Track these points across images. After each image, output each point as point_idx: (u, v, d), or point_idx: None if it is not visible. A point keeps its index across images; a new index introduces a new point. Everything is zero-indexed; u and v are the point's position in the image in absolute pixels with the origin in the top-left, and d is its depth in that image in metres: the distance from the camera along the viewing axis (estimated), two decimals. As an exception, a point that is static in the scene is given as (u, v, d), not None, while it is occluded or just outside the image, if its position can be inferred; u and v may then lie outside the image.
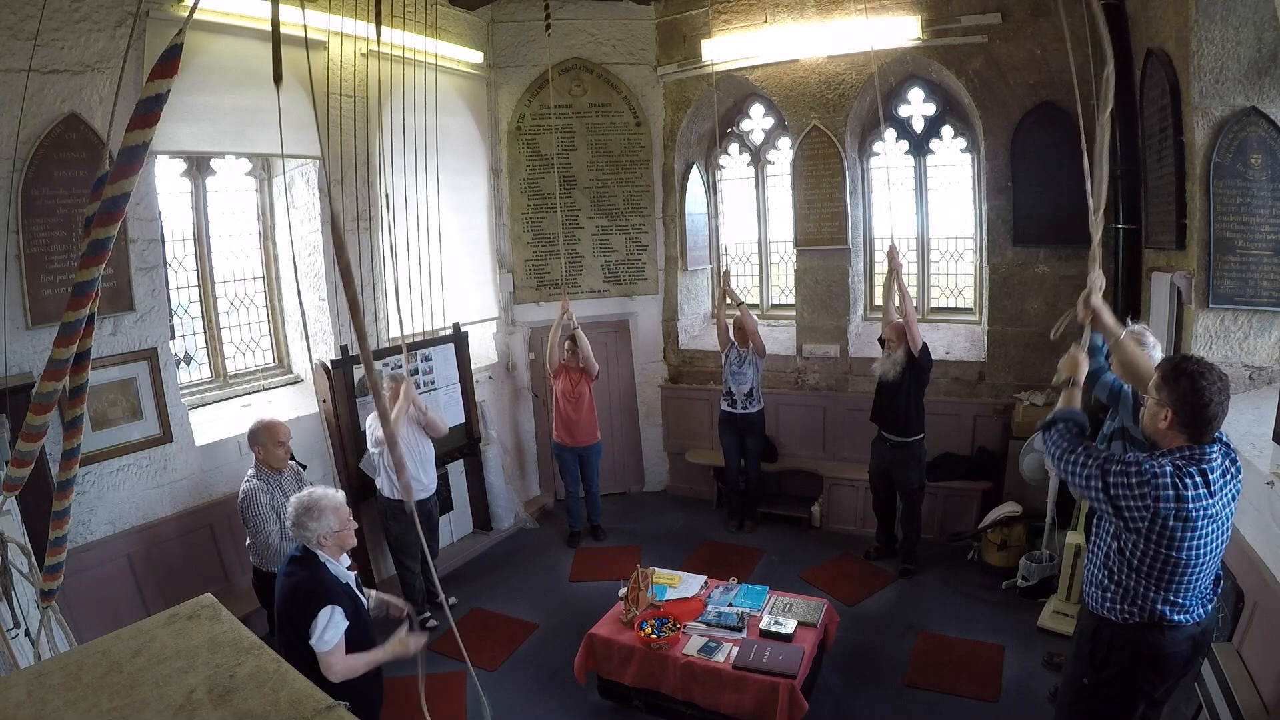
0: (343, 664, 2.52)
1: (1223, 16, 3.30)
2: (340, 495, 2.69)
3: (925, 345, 4.70)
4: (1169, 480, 2.02)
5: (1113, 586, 2.24)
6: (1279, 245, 3.38)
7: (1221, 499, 2.09)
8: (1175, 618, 2.16)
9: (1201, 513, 2.04)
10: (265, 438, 3.55)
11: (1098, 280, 2.62)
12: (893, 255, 4.71)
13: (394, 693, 2.93)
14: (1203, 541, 2.08)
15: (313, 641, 2.45)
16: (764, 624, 3.67)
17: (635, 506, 6.52)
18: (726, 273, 5.63)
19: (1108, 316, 2.60)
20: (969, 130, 5.57)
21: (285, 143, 4.48)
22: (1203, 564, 2.11)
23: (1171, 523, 2.04)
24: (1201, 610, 2.21)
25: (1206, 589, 2.21)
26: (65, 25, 3.44)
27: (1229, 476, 2.12)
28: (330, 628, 2.47)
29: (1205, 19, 3.32)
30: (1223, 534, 2.14)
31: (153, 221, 3.96)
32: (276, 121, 2.55)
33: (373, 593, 2.91)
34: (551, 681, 4.04)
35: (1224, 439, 2.15)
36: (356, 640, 2.58)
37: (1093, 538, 2.40)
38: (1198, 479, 2.04)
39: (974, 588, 4.76)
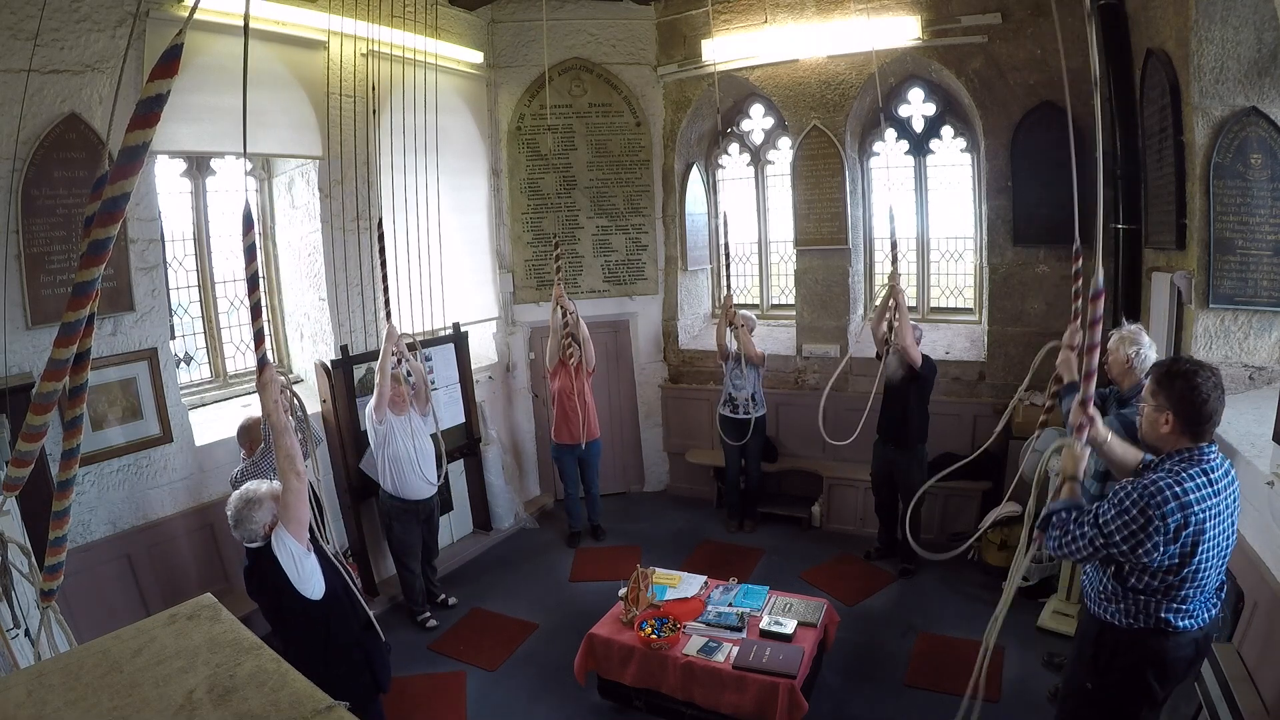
0: (289, 495, 2.53)
1: (1223, 16, 3.30)
2: (276, 484, 2.66)
3: (926, 356, 4.69)
4: (1169, 490, 1.98)
5: (1116, 594, 2.21)
6: (1279, 245, 3.38)
7: (1225, 499, 2.06)
8: (1181, 624, 2.14)
9: (1209, 513, 2.00)
10: (257, 434, 3.60)
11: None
12: (895, 285, 4.50)
13: (394, 693, 2.93)
14: (1207, 547, 2.04)
15: (289, 552, 2.52)
16: (764, 624, 3.67)
17: (635, 506, 6.52)
18: (729, 296, 5.33)
19: (1099, 429, 2.31)
20: (969, 130, 5.57)
21: (285, 143, 4.51)
22: (1209, 569, 2.08)
23: (1185, 533, 1.98)
24: (1206, 615, 2.19)
25: (1211, 594, 2.19)
26: (65, 25, 3.44)
27: (1230, 478, 2.10)
28: (277, 537, 2.53)
29: (1205, 19, 3.32)
30: (1229, 537, 2.11)
31: (153, 221, 3.96)
32: (276, 121, 2.54)
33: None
34: (551, 681, 4.04)
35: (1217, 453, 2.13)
36: (329, 578, 2.65)
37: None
38: (1200, 479, 2.01)
39: (974, 588, 4.76)
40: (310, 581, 2.57)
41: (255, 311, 2.20)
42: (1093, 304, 2.05)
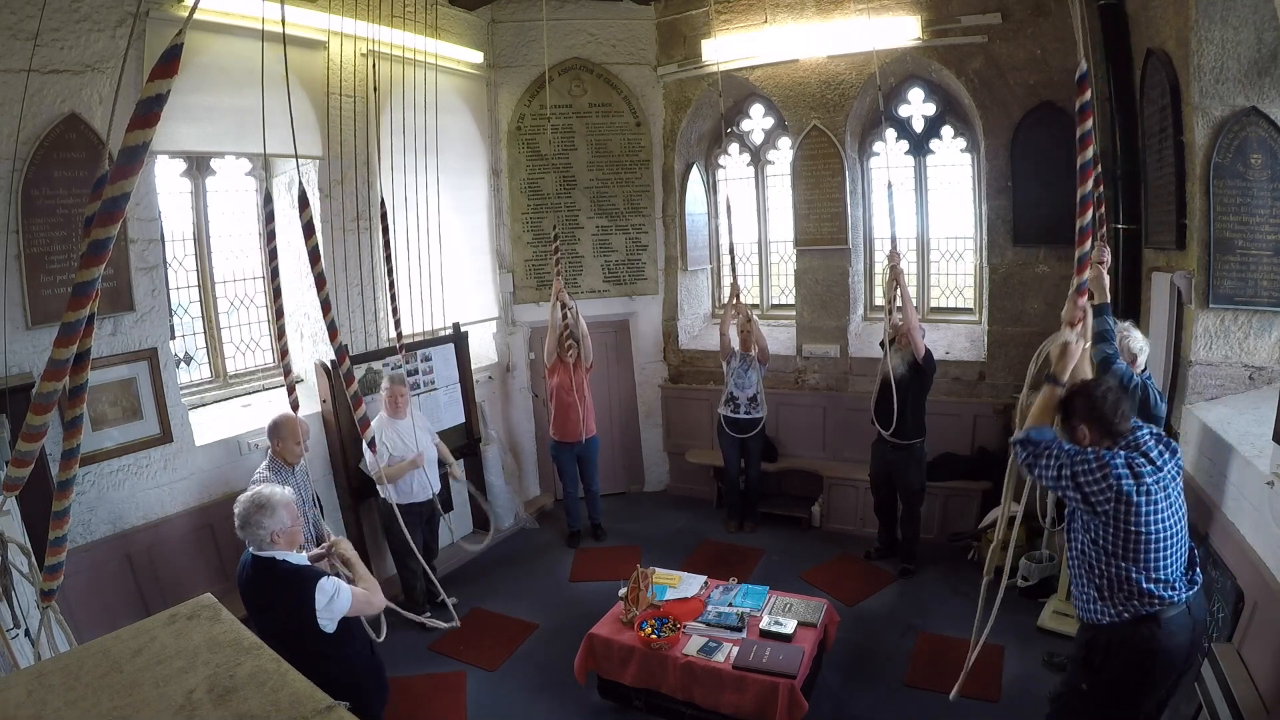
0: (365, 595, 2.63)
1: (1223, 17, 3.30)
2: (290, 492, 2.69)
3: (929, 351, 4.69)
4: (1122, 463, 2.24)
5: (1097, 585, 2.32)
6: (1279, 245, 3.38)
7: (1169, 472, 2.29)
8: (1163, 593, 2.24)
9: (1156, 485, 2.23)
10: (286, 433, 3.60)
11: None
12: (895, 265, 4.59)
13: (394, 693, 2.93)
14: (1162, 514, 2.24)
15: (332, 609, 2.49)
16: (764, 624, 3.68)
17: (635, 506, 6.52)
18: (735, 285, 5.47)
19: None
20: (969, 130, 5.57)
21: (285, 142, 4.49)
22: (1169, 536, 2.25)
23: (1135, 498, 2.20)
24: (1186, 590, 2.30)
25: (1182, 564, 2.32)
26: (65, 25, 3.44)
27: (1168, 454, 2.31)
28: (339, 593, 2.51)
29: (1205, 19, 3.32)
30: (1179, 508, 2.31)
31: (153, 221, 3.96)
32: (276, 121, 2.55)
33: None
34: (551, 681, 4.04)
35: (1152, 430, 2.36)
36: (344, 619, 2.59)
37: (1070, 551, 2.47)
38: (1141, 460, 2.26)
39: (974, 588, 4.72)
40: (329, 625, 2.53)
41: (324, 307, 2.41)
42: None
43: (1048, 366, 2.46)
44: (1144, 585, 2.23)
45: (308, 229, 2.25)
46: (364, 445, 2.94)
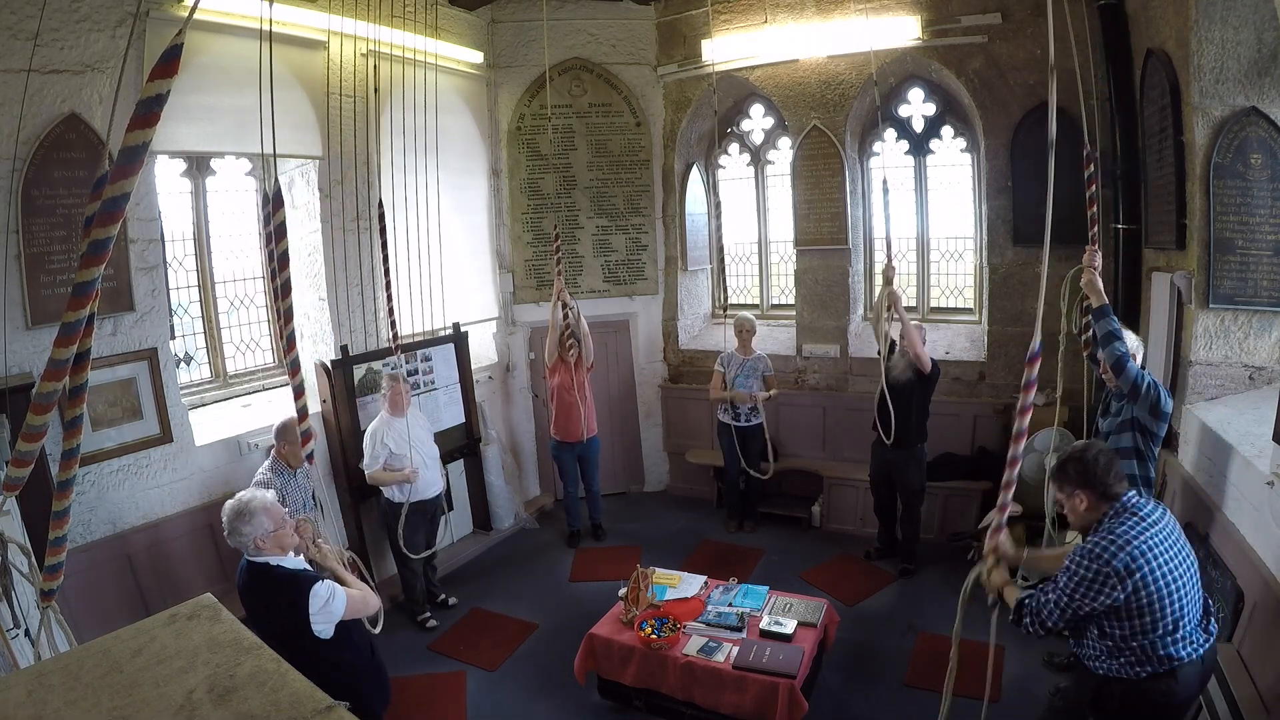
0: (361, 596, 2.64)
1: (1223, 17, 3.30)
2: (270, 495, 2.66)
3: (935, 363, 4.69)
4: (1103, 538, 2.19)
5: (1113, 651, 2.27)
6: (1279, 245, 3.38)
7: (1163, 528, 2.23)
8: (1183, 653, 2.20)
9: (1151, 543, 2.17)
10: (292, 435, 3.60)
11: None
12: (889, 283, 4.37)
13: (394, 693, 2.93)
14: (1168, 566, 2.17)
15: (327, 613, 2.48)
16: (764, 624, 3.68)
17: (635, 506, 6.52)
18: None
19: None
20: (969, 130, 5.57)
21: (285, 143, 4.50)
22: (1180, 589, 2.18)
23: (1137, 565, 2.13)
24: (1204, 643, 2.25)
25: (1198, 614, 2.26)
26: (65, 25, 3.44)
27: (1160, 511, 2.28)
28: (333, 597, 2.50)
29: (1205, 19, 3.32)
30: (1186, 557, 2.25)
31: (153, 221, 3.96)
32: (276, 121, 2.55)
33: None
34: (551, 681, 4.04)
35: (1140, 492, 2.40)
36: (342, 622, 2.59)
37: (1078, 646, 2.45)
38: (1129, 520, 2.21)
39: (974, 587, 4.74)
40: (325, 629, 2.52)
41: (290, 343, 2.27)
42: None
43: (1049, 364, 2.47)
44: (1160, 652, 2.19)
45: (279, 231, 2.16)
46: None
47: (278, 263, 2.15)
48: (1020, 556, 2.58)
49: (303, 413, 2.25)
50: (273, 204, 2.18)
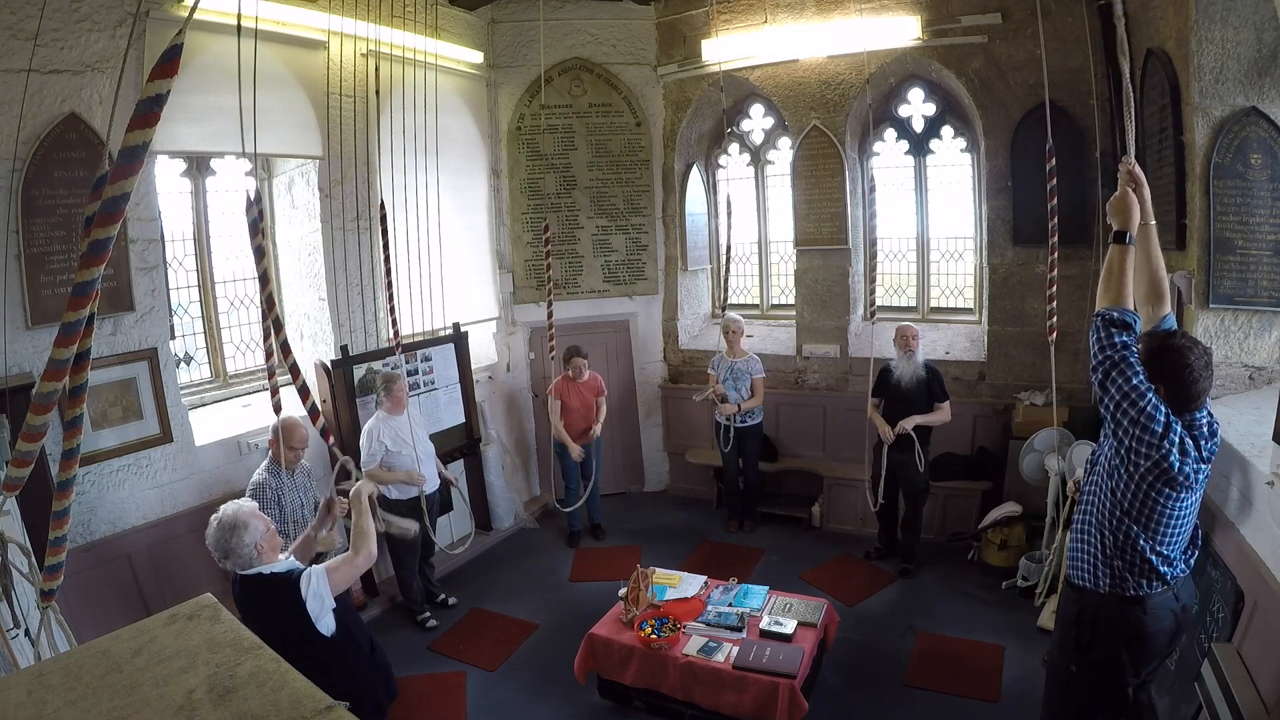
0: (337, 563, 2.59)
1: (1223, 16, 3.29)
2: (249, 501, 2.65)
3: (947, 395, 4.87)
4: (1177, 439, 2.09)
5: (1102, 543, 2.29)
6: (1279, 245, 3.38)
7: (1207, 467, 2.19)
8: (1161, 568, 2.23)
9: (1195, 474, 2.14)
10: (281, 436, 3.62)
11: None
12: (894, 430, 4.74)
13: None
14: (1185, 501, 2.18)
15: (318, 598, 2.47)
16: (764, 624, 3.68)
17: (635, 506, 6.51)
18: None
19: (1147, 193, 2.37)
20: (969, 130, 5.57)
21: (285, 143, 4.51)
22: (1184, 518, 2.22)
23: (1175, 478, 2.09)
24: (1184, 564, 2.29)
25: (1186, 541, 2.29)
26: (65, 25, 3.44)
27: (1215, 444, 2.21)
28: (316, 580, 2.49)
29: (1205, 19, 3.31)
30: (1200, 490, 2.25)
31: (153, 221, 3.96)
32: (276, 121, 2.54)
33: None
34: (551, 681, 4.04)
35: (1209, 413, 2.23)
36: (337, 608, 2.57)
37: (1081, 507, 2.44)
38: (1191, 445, 2.13)
39: (974, 588, 4.75)
40: (325, 619, 2.51)
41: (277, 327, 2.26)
42: None
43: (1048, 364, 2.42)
44: (1147, 554, 2.21)
45: (253, 228, 2.17)
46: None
47: (254, 255, 2.17)
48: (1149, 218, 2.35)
49: (313, 412, 2.26)
50: (247, 203, 2.25)
